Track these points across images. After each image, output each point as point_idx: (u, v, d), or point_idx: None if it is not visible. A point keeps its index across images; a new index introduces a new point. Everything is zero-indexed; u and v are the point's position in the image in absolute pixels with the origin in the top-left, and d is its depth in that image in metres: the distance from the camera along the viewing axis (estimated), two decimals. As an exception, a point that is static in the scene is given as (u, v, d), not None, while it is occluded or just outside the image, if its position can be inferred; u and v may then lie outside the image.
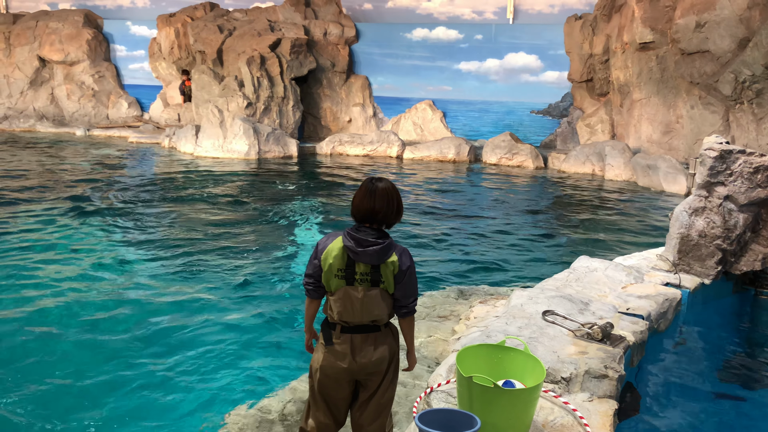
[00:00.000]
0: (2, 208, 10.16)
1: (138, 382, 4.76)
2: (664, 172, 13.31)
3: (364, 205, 3.10)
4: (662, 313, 4.92)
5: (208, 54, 19.41)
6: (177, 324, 5.85)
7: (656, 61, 14.71)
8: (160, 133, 20.02)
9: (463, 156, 17.31)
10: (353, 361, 3.12)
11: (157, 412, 4.39)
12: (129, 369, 4.96)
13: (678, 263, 5.83)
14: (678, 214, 5.87)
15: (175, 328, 5.75)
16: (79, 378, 4.79)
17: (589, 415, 3.32)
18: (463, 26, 19.61)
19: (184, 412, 4.41)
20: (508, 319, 4.43)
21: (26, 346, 5.30)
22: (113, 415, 4.31)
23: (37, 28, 22.68)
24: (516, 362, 3.33)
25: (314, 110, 20.50)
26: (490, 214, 11.19)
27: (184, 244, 8.53)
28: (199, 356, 5.21)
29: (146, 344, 5.42)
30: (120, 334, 5.60)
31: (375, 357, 3.15)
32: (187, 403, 4.51)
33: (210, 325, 5.84)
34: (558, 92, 18.62)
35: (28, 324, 5.72)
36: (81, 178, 13.17)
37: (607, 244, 9.24)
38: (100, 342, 5.43)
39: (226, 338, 5.57)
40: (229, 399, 4.55)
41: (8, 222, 9.30)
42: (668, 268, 5.81)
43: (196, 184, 13.02)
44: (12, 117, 22.44)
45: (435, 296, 6.45)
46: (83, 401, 4.47)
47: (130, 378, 4.81)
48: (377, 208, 3.10)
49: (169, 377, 4.85)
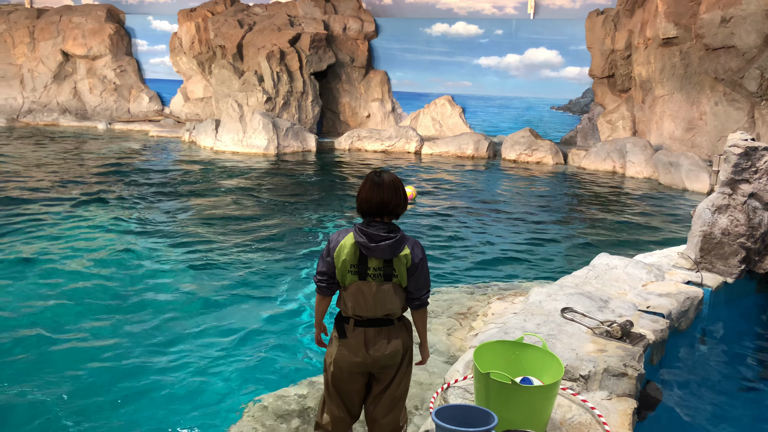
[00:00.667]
0: (25, 200, 10.30)
1: (156, 372, 4.80)
2: (686, 170, 13.12)
3: (375, 198, 3.06)
4: (683, 312, 4.85)
5: (228, 49, 19.50)
6: (197, 315, 5.90)
7: (680, 56, 14.49)
8: (180, 128, 20.17)
9: (482, 152, 17.22)
10: (367, 355, 3.12)
11: (177, 401, 4.43)
12: (146, 358, 5.00)
13: (700, 261, 5.74)
14: (701, 212, 5.78)
15: (196, 320, 5.80)
16: (100, 367, 4.84)
17: (607, 414, 3.28)
18: (483, 21, 19.49)
19: (203, 401, 4.45)
20: (527, 316, 4.39)
21: (46, 335, 5.37)
22: (131, 404, 4.36)
23: (60, 23, 22.95)
24: (534, 359, 3.30)
25: (333, 105, 20.52)
26: (508, 210, 11.12)
27: (204, 237, 8.59)
28: (218, 348, 5.24)
29: (165, 335, 5.46)
30: (139, 324, 5.66)
31: (389, 350, 3.14)
32: (207, 394, 4.55)
33: (231, 317, 5.88)
34: (579, 88, 18.44)
35: (47, 314, 5.80)
36: (101, 171, 13.31)
37: (627, 241, 9.13)
38: (120, 332, 5.48)
39: (247, 330, 5.60)
40: (248, 390, 4.57)
41: (29, 213, 9.43)
42: (690, 266, 5.73)
43: (215, 178, 13.10)
44: (36, 111, 22.75)
45: (452, 292, 6.43)
46: (105, 389, 4.52)
47: (148, 367, 4.86)
48: (387, 199, 3.06)
49: (187, 367, 4.89)
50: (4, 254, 7.49)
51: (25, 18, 23.43)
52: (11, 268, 7.03)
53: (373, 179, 3.10)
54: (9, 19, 23.49)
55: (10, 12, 23.81)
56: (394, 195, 3.08)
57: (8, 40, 23.40)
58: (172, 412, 4.31)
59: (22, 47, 23.25)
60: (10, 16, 23.56)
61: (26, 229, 8.64)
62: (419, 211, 10.73)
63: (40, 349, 5.11)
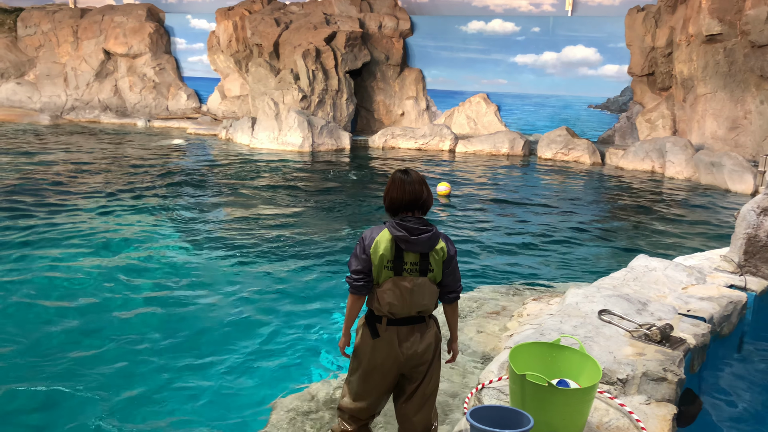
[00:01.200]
0: (65, 194, 10.57)
1: (186, 369, 4.87)
2: (729, 170, 12.77)
3: (408, 194, 3.11)
4: (726, 316, 4.72)
5: (264, 47, 19.68)
6: (230, 312, 5.96)
7: (723, 54, 14.11)
8: (217, 125, 20.45)
9: (517, 150, 17.05)
10: (400, 353, 3.12)
11: (207, 394, 4.49)
12: (178, 354, 5.08)
13: (744, 264, 5.58)
14: (745, 214, 5.62)
15: (228, 316, 5.86)
16: (138, 361, 4.94)
17: (646, 419, 3.21)
18: (519, 18, 19.28)
19: (234, 398, 4.50)
20: (563, 318, 4.33)
21: (84, 331, 5.50)
22: (162, 399, 4.43)
23: (103, 22, 23.48)
24: (571, 362, 3.24)
25: (367, 103, 20.54)
26: (544, 209, 10.99)
27: (239, 234, 8.69)
28: (251, 343, 5.30)
29: (199, 330, 5.54)
30: (172, 318, 5.75)
31: (421, 348, 3.14)
32: (240, 391, 4.60)
33: (264, 315, 5.93)
34: (617, 86, 18.11)
35: (85, 311, 5.93)
36: (139, 168, 13.58)
37: (666, 243, 8.93)
38: (154, 327, 5.58)
39: (281, 326, 5.64)
40: (279, 385, 4.60)
41: (67, 208, 9.66)
42: (733, 270, 5.57)
43: (251, 175, 13.25)
44: (78, 108, 23.32)
45: (485, 291, 6.37)
46: (142, 382, 4.61)
47: (175, 363, 4.93)
48: (418, 193, 3.13)
49: (220, 362, 4.95)
50: (42, 250, 7.69)
51: (69, 17, 24.04)
52: (46, 263, 7.22)
53: (402, 177, 3.16)
54: (54, 19, 24.13)
55: (55, 12, 24.45)
56: (424, 188, 3.15)
57: (53, 39, 24.04)
58: (200, 404, 4.37)
59: (66, 46, 23.86)
60: (55, 16, 24.20)
61: (65, 223, 8.85)
62: (454, 209, 10.68)
63: (82, 345, 5.24)
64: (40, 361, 4.87)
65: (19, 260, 7.19)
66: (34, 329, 5.41)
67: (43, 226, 8.63)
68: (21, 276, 6.67)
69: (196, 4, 24.05)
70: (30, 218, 8.99)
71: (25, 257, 7.30)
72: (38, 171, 12.69)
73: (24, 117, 22.07)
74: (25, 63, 24.44)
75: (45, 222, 8.83)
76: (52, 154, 15.00)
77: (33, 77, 24.25)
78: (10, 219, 8.91)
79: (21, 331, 5.38)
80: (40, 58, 24.17)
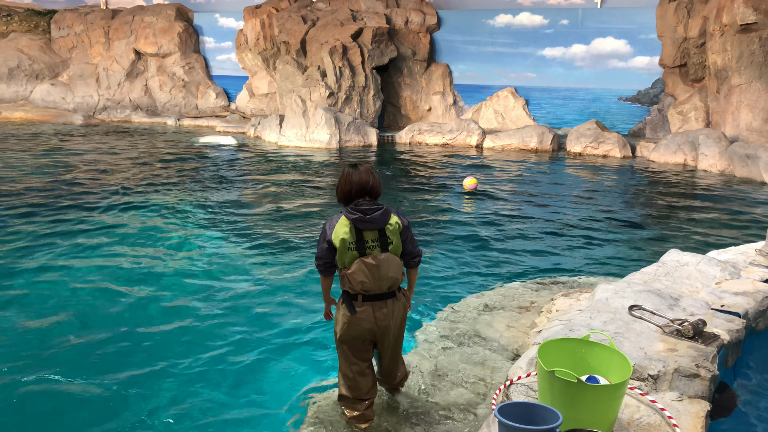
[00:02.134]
0: (94, 190, 10.79)
1: (218, 362, 4.94)
2: (765, 162, 12.46)
3: (357, 182, 3.51)
4: (761, 312, 4.62)
5: (292, 44, 19.79)
6: (259, 307, 6.02)
7: (759, 43, 13.76)
8: (245, 123, 20.64)
9: (545, 145, 16.88)
10: (375, 326, 3.57)
11: (242, 390, 4.54)
12: (206, 349, 5.15)
13: (780, 259, 5.44)
14: (781, 207, 5.48)
15: (257, 311, 5.92)
16: (164, 358, 5.02)
17: (678, 416, 3.16)
18: (548, 11, 19.05)
19: (268, 390, 4.55)
20: (593, 313, 4.28)
21: (113, 327, 5.61)
22: (186, 393, 4.50)
23: (133, 23, 23.85)
24: (601, 358, 3.21)
25: (394, 99, 20.53)
26: (573, 204, 10.86)
27: (268, 230, 8.77)
28: (280, 339, 5.34)
29: (224, 325, 5.61)
30: (200, 316, 5.83)
31: (394, 319, 3.62)
32: (272, 383, 4.64)
33: (290, 307, 5.98)
34: (648, 78, 17.80)
35: (115, 305, 6.05)
36: (172, 165, 13.78)
37: (699, 238, 8.76)
38: (182, 324, 5.66)
39: (306, 322, 5.68)
40: (309, 382, 4.64)
41: (94, 205, 9.86)
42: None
43: (280, 172, 13.35)
44: (110, 108, 23.75)
45: (514, 286, 6.33)
46: (171, 379, 4.68)
47: (212, 356, 5.00)
48: (365, 179, 3.53)
49: (251, 358, 5.00)
50: (76, 248, 7.86)
51: (100, 19, 24.48)
52: (80, 260, 7.38)
53: (350, 170, 3.57)
54: (86, 20, 24.60)
55: (87, 13, 24.92)
56: (371, 176, 3.56)
57: (85, 40, 24.51)
58: (234, 400, 4.43)
59: (98, 47, 24.31)
60: (87, 17, 24.66)
61: (96, 219, 9.04)
62: (482, 204, 10.62)
63: (109, 342, 5.35)
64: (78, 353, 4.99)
65: (70, 252, 7.37)
66: (81, 319, 5.55)
67: (73, 221, 8.82)
68: (74, 264, 6.83)
69: (224, 3, 24.28)
70: (65, 214, 9.20)
71: (76, 247, 7.49)
72: (72, 170, 12.97)
73: (58, 117, 22.57)
74: (58, 64, 24.97)
75: (77, 218, 9.02)
76: (84, 153, 15.31)
77: (66, 78, 24.76)
78: (60, 213, 9.13)
79: (72, 323, 5.51)
80: (73, 59, 24.67)
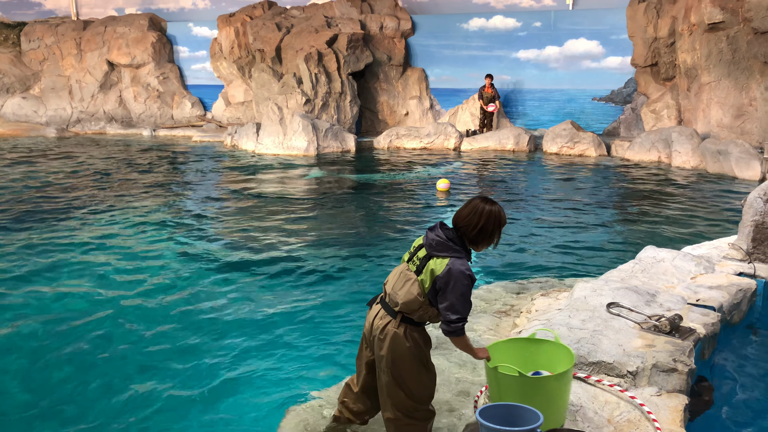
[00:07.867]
0: (68, 204, 10.66)
1: (204, 369, 4.91)
2: (735, 158, 12.71)
3: (460, 211, 3.28)
4: (735, 305, 4.71)
5: (267, 52, 19.74)
6: (245, 315, 5.99)
7: (726, 42, 14.04)
8: (222, 132, 20.52)
9: (522, 146, 17.02)
10: (369, 327, 3.42)
11: (226, 398, 4.52)
12: (191, 359, 5.12)
13: (752, 252, 5.56)
14: (752, 201, 5.60)
15: (243, 320, 5.89)
16: (151, 367, 4.98)
17: (657, 410, 3.21)
18: (521, 14, 19.24)
19: (252, 396, 4.53)
20: (572, 312, 4.33)
21: (97, 333, 5.55)
22: (174, 401, 4.47)
23: (105, 33, 23.60)
24: (548, 353, 3.32)
25: (371, 104, 20.56)
26: (550, 204, 10.97)
27: (250, 239, 8.73)
28: (267, 348, 5.32)
29: (213, 335, 5.57)
30: (187, 326, 5.79)
31: (382, 339, 3.27)
32: (254, 392, 4.62)
33: (277, 317, 5.96)
34: (621, 78, 18.04)
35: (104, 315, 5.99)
36: (148, 176, 13.65)
37: (674, 234, 8.90)
38: (169, 334, 5.62)
39: (296, 331, 5.66)
40: (294, 389, 4.63)
41: (76, 219, 9.74)
42: (741, 258, 5.56)
43: (258, 180, 13.30)
44: (84, 120, 23.46)
45: (494, 290, 6.36)
46: (159, 387, 4.65)
47: (195, 366, 4.97)
48: (463, 214, 3.24)
49: (234, 366, 4.98)
50: (64, 257, 7.76)
51: (72, 30, 24.18)
52: (68, 270, 7.29)
53: (472, 200, 3.28)
54: (57, 32, 24.28)
55: (58, 25, 24.60)
56: (468, 215, 3.20)
57: (57, 52, 24.19)
58: (218, 407, 4.41)
59: (69, 59, 24.01)
60: (58, 29, 24.35)
61: (77, 233, 8.93)
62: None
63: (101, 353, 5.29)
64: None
65: (43, 271, 7.27)
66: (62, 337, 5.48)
67: (47, 236, 8.71)
68: (45, 287, 6.74)
69: (198, 12, 24.13)
70: (34, 230, 9.08)
71: (48, 259, 7.38)
72: (43, 183, 12.80)
73: (30, 131, 22.23)
74: (29, 77, 24.61)
75: (48, 232, 8.91)
76: (56, 167, 15.11)
77: (38, 91, 24.41)
78: (38, 226, 9.00)
79: (56, 340, 5.44)
80: (45, 71, 24.33)
